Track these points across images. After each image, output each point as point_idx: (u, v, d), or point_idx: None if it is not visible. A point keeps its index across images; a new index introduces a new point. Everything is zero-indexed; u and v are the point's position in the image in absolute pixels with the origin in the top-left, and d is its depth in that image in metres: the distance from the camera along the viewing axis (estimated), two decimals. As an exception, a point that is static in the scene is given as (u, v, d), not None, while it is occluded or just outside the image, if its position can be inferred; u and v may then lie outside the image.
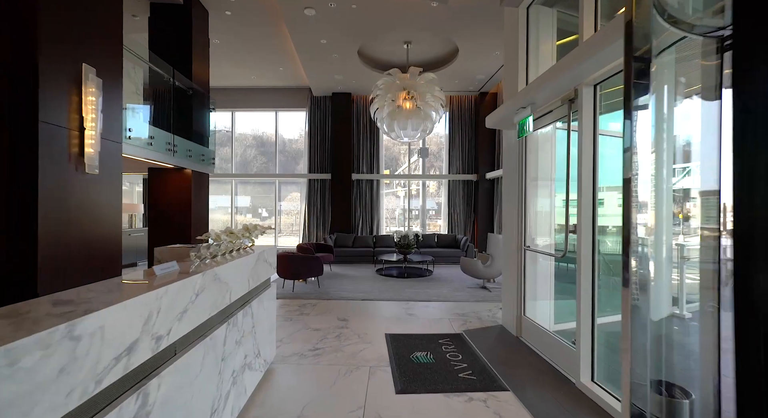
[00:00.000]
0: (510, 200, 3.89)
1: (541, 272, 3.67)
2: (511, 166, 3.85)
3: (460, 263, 5.95)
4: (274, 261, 2.99)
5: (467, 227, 9.90)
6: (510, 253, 3.84)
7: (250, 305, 2.35)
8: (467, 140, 9.95)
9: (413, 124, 6.79)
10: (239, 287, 2.14)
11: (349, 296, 5.35)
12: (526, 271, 3.63)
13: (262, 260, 2.67)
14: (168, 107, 5.27)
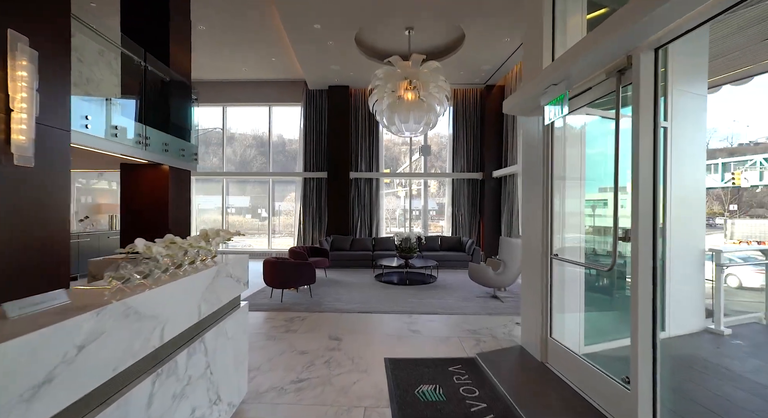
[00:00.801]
0: (531, 201, 3.29)
1: (570, 284, 3.08)
2: (532, 161, 3.26)
3: (469, 269, 5.36)
4: (244, 275, 2.41)
5: (472, 228, 9.30)
6: (531, 262, 3.25)
7: (202, 338, 1.76)
8: (472, 136, 9.36)
9: (415, 117, 6.20)
10: (181, 318, 1.55)
11: (344, 307, 4.76)
12: (553, 284, 3.04)
13: (225, 275, 2.08)
14: (141, 96, 4.68)
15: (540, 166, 3.10)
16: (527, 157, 3.37)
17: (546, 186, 3.06)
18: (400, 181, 10.21)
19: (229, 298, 2.16)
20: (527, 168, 3.38)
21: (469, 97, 9.33)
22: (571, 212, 3.07)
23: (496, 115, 8.88)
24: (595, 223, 3.33)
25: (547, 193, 3.05)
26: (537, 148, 3.16)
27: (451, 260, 7.88)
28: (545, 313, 3.05)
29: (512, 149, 8.21)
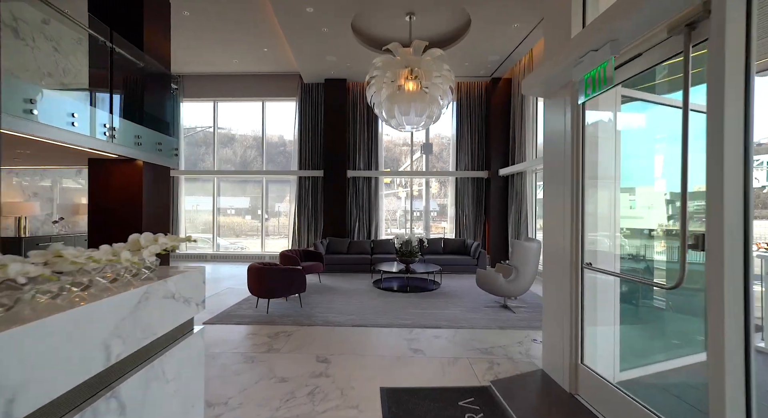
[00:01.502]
0: (555, 201, 2.77)
1: (602, 297, 2.56)
2: (556, 153, 2.73)
3: (476, 276, 4.83)
4: (197, 293, 1.87)
5: (477, 230, 8.77)
6: (555, 272, 2.72)
7: (114, 392, 1.23)
8: (477, 133, 8.83)
9: (417, 108, 5.68)
10: (63, 374, 1.01)
11: (337, 319, 4.23)
12: (584, 299, 2.51)
13: (162, 296, 1.56)
14: (108, 82, 4.17)
15: (567, 158, 2.57)
16: (550, 149, 2.84)
17: (575, 182, 2.53)
18: (400, 181, 9.69)
19: (170, 326, 1.63)
20: (550, 162, 2.85)
21: (473, 91, 8.81)
22: (603, 214, 2.55)
23: (503, 109, 8.36)
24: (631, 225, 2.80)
25: (576, 191, 2.52)
26: (563, 137, 2.63)
27: (456, 264, 7.35)
28: (575, 334, 2.52)
29: (521, 146, 7.68)
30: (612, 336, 2.58)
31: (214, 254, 9.19)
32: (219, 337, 3.64)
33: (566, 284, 2.57)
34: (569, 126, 2.55)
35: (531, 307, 4.80)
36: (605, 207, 2.53)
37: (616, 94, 2.54)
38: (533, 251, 4.43)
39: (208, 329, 3.89)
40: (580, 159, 2.51)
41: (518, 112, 7.78)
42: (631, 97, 2.58)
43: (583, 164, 2.50)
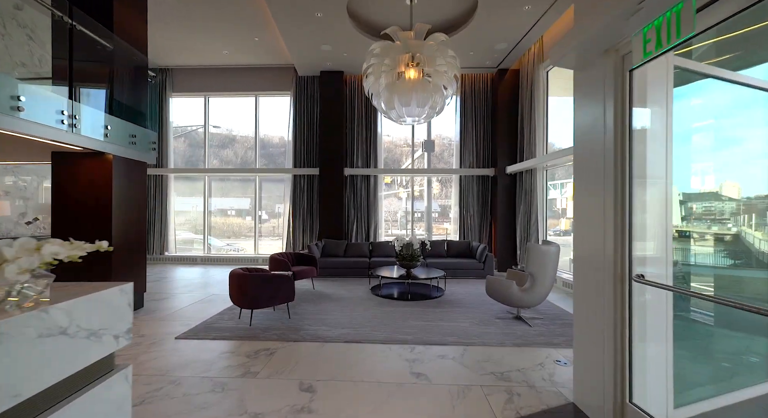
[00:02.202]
0: (590, 200, 2.25)
1: (651, 316, 2.04)
2: (592, 142, 2.21)
3: (486, 284, 4.30)
4: (114, 321, 1.37)
5: (482, 231, 8.25)
6: (591, 285, 2.20)
7: None
8: (482, 128, 8.31)
9: (419, 99, 5.17)
10: None
11: (328, 334, 3.71)
12: (633, 321, 1.99)
13: (40, 334, 1.05)
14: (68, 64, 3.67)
15: (608, 148, 2.05)
16: (584, 137, 2.31)
17: (620, 178, 2.01)
18: (401, 181, 9.18)
19: (64, 373, 1.12)
20: (582, 152, 2.33)
21: (479, 84, 8.30)
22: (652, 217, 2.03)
23: (511, 103, 7.84)
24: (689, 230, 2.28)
25: (623, 189, 2.01)
26: (602, 121, 2.11)
27: (460, 268, 6.83)
28: (621, 365, 2.00)
29: (530, 141, 7.16)
30: (664, 364, 2.06)
31: (204, 257, 8.69)
32: (189, 356, 3.13)
33: (608, 299, 2.05)
34: (611, 106, 2.04)
35: (548, 318, 4.28)
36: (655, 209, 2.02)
37: (668, 67, 2.02)
38: (551, 256, 3.91)
39: (180, 345, 3.39)
40: (627, 149, 1.99)
41: (527, 106, 7.27)
42: (688, 70, 2.06)
43: (632, 156, 1.98)
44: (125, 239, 4.35)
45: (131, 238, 4.47)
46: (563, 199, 7.22)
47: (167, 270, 7.66)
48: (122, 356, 3.11)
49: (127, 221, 4.39)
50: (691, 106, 2.31)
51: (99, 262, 4.08)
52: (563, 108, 7.04)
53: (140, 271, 4.63)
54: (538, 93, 6.97)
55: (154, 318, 4.22)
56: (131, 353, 3.19)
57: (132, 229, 4.48)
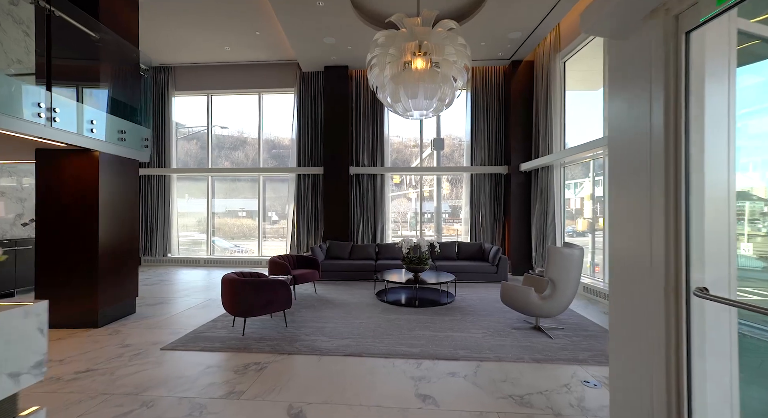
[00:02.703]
0: (632, 197, 1.85)
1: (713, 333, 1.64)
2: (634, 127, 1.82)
3: (501, 291, 3.91)
4: (18, 354, 1.04)
5: (495, 232, 7.83)
6: (635, 298, 1.81)
7: None
8: (495, 124, 7.90)
9: (426, 90, 4.82)
10: None
11: (326, 346, 3.38)
12: (692, 336, 1.60)
13: None
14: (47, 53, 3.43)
15: (658, 134, 1.66)
16: (621, 122, 1.92)
17: (675, 170, 1.62)
18: (410, 181, 8.81)
19: None
20: (620, 142, 1.93)
21: (490, 77, 7.89)
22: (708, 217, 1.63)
23: (525, 97, 7.42)
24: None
25: (676, 183, 1.61)
26: (648, 100, 1.72)
27: (472, 272, 6.43)
28: (677, 399, 1.61)
29: (546, 137, 6.73)
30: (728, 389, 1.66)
31: (207, 259, 8.48)
32: (171, 370, 2.83)
33: (658, 316, 1.66)
34: (660, 83, 1.65)
35: (570, 329, 3.87)
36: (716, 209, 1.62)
37: (730, 31, 1.63)
38: (575, 260, 3.51)
39: (165, 357, 3.10)
40: (683, 136, 1.60)
41: (543, 99, 6.84)
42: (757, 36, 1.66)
43: (689, 144, 1.59)
44: (114, 241, 4.10)
45: (122, 240, 4.22)
46: (577, 200, 6.78)
47: (169, 272, 7.46)
48: (99, 370, 2.83)
49: (117, 222, 4.14)
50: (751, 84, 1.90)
51: (81, 265, 3.84)
52: (581, 103, 6.60)
53: (131, 275, 4.38)
54: (555, 85, 6.54)
55: (143, 325, 3.96)
56: (109, 366, 2.91)
57: (122, 230, 4.23)
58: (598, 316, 4.43)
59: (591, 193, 6.25)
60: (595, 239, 6.03)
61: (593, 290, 5.39)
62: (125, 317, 4.23)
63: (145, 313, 4.45)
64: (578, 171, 6.60)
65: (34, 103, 3.10)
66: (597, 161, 5.74)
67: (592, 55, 5.93)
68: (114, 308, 4.10)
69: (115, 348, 3.29)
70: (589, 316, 4.41)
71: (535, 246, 7.00)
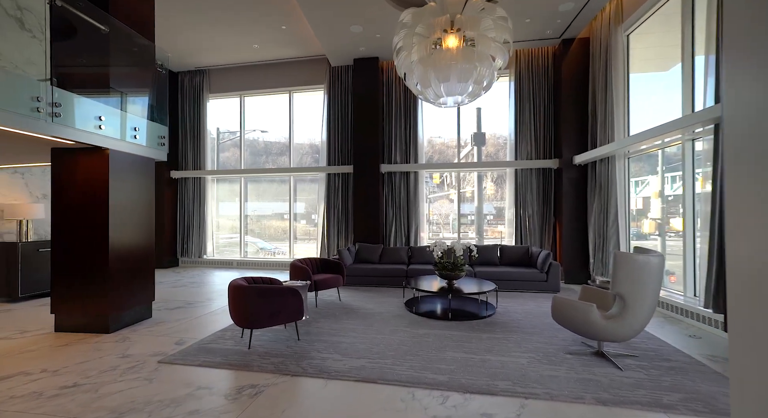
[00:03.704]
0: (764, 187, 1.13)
1: None
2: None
3: (553, 306, 3.18)
4: None
5: (544, 235, 6.92)
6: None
7: None
8: (542, 113, 7.01)
9: (460, 72, 4.21)
10: None
11: (338, 366, 2.88)
12: None
13: None
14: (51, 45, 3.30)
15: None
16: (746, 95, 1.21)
17: None
18: (450, 181, 8.14)
19: None
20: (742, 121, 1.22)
21: (537, 60, 7.02)
22: None
23: (578, 80, 6.47)
24: None
25: None
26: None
27: (516, 280, 5.64)
28: None
29: (605, 124, 5.77)
30: None
31: (240, 261, 8.41)
32: (158, 391, 2.49)
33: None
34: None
35: (646, 357, 3.04)
36: None
37: None
38: (653, 270, 2.70)
39: (159, 372, 2.78)
40: None
41: (601, 81, 5.88)
42: None
43: None
44: (127, 244, 3.93)
45: (136, 242, 4.06)
46: (638, 199, 5.74)
47: (202, 274, 7.44)
48: (85, 385, 2.56)
49: (130, 223, 3.98)
50: None
51: (92, 269, 3.70)
52: (648, 87, 5.57)
53: (146, 279, 4.21)
54: (617, 62, 5.57)
55: (154, 332, 3.73)
56: (99, 381, 2.63)
57: (136, 232, 4.06)
58: (681, 340, 3.52)
59: (659, 189, 5.24)
60: (666, 242, 5.03)
61: (670, 304, 4.41)
62: (139, 322, 4.05)
63: (161, 317, 4.26)
64: (639, 168, 5.60)
65: (33, 96, 2.94)
66: (668, 151, 4.74)
67: (660, 28, 4.94)
68: (127, 312, 3.93)
69: (114, 359, 3.04)
70: (669, 339, 3.51)
71: (593, 251, 6.03)
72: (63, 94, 3.18)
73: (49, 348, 3.28)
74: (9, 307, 4.75)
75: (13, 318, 4.23)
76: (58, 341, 3.46)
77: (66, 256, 3.73)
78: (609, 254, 5.65)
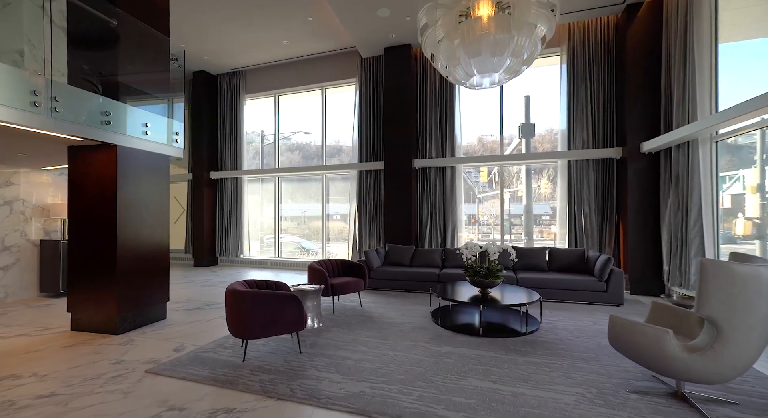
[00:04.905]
0: None
1: None
2: None
3: (610, 328, 2.43)
4: None
5: (604, 236, 5.91)
6: None
7: None
8: (601, 93, 6.01)
9: (493, 44, 3.59)
10: None
11: (331, 391, 2.41)
12: None
13: None
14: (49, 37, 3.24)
15: None
16: None
17: None
18: (500, 179, 7.35)
19: None
20: None
21: (594, 34, 6.04)
22: None
23: (648, 51, 5.41)
24: None
25: None
26: None
27: (567, 289, 4.78)
28: None
29: (684, 101, 4.71)
30: None
31: (274, 261, 8.35)
32: (129, 408, 2.21)
33: None
34: None
35: (754, 407, 2.19)
36: None
37: None
38: (762, 285, 1.89)
39: (141, 385, 2.53)
40: None
41: (678, 51, 4.82)
42: None
43: None
44: (138, 243, 3.83)
45: (148, 241, 3.95)
46: (726, 197, 4.59)
47: (235, 274, 7.44)
48: (60, 396, 2.37)
49: (142, 222, 3.87)
50: None
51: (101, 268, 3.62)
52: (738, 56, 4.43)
53: (160, 279, 4.09)
54: (701, 28, 4.51)
55: (160, 336, 3.57)
56: (76, 391, 2.44)
57: (148, 231, 3.95)
58: (803, 381, 2.55)
59: (757, 183, 4.13)
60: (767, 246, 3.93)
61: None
62: (151, 324, 3.94)
63: (174, 319, 4.13)
64: (726, 162, 4.48)
65: (30, 91, 2.87)
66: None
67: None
68: (138, 313, 3.83)
69: (106, 365, 2.87)
70: (784, 380, 2.57)
71: (668, 256, 4.96)
72: (63, 88, 3.09)
73: (55, 349, 3.22)
74: (50, 302, 4.96)
75: (44, 313, 4.36)
76: (67, 341, 3.41)
77: (79, 255, 3.71)
78: (690, 261, 4.58)
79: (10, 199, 5.10)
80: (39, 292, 5.33)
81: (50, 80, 3.00)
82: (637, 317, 3.93)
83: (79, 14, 3.37)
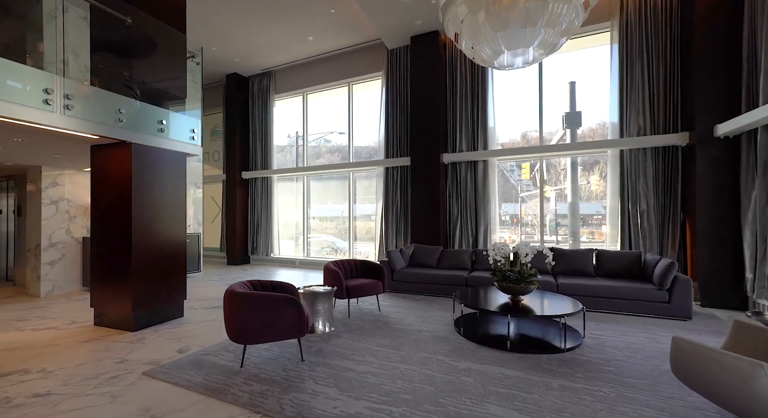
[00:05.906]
0: None
1: None
2: None
3: (673, 353, 1.89)
4: None
5: (665, 237, 5.08)
6: None
7: None
8: (662, 71, 5.18)
9: (524, 14, 3.14)
10: None
11: (325, 410, 2.11)
12: None
13: None
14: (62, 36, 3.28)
15: None
16: None
17: None
18: (542, 175, 6.71)
19: None
20: None
21: (649, 6, 5.22)
22: None
23: (719, 19, 4.55)
24: None
25: None
26: None
27: (619, 298, 4.11)
28: None
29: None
30: None
31: (302, 260, 8.29)
32: (110, 412, 2.08)
33: None
34: None
35: None
36: None
37: None
38: None
39: (134, 388, 2.41)
40: None
41: (765, 16, 3.96)
42: None
43: None
44: (153, 240, 3.81)
45: (164, 238, 3.93)
46: None
47: (263, 272, 7.46)
48: (55, 395, 2.31)
49: (157, 220, 3.86)
50: None
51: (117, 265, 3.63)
52: None
53: (176, 277, 4.06)
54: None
55: (172, 335, 3.51)
56: (71, 392, 2.37)
57: (163, 229, 3.93)
58: None
59: None
60: None
61: None
62: (166, 322, 3.91)
63: (190, 317, 4.09)
64: None
65: (42, 89, 2.89)
66: None
67: None
68: (153, 311, 3.81)
69: (109, 363, 2.81)
70: None
71: (753, 261, 4.10)
72: (74, 86, 3.11)
73: (72, 344, 3.26)
74: (86, 296, 5.19)
75: (78, 307, 4.53)
76: (86, 336, 3.45)
77: (98, 252, 3.77)
78: (781, 268, 3.73)
79: (57, 199, 5.42)
80: (82, 286, 5.62)
81: (63, 79, 3.01)
82: (711, 337, 3.22)
83: (102, 20, 3.40)
